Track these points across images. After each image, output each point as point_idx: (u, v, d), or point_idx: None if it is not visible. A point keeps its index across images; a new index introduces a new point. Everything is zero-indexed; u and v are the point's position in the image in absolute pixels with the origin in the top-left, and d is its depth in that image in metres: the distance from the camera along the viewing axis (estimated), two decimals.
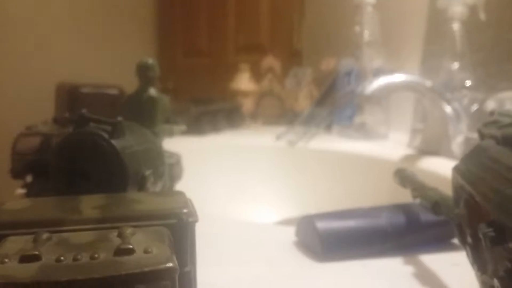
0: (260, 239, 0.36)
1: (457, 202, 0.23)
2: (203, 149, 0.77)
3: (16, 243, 0.16)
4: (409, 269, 0.30)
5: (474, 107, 0.63)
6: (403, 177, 0.37)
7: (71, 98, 0.75)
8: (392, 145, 0.76)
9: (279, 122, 1.03)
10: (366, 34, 0.81)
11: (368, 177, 0.68)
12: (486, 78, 0.66)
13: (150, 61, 0.35)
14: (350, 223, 0.33)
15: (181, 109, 0.80)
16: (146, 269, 0.14)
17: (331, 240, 0.31)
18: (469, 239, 0.21)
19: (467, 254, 0.22)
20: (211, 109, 0.89)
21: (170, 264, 0.15)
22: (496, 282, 0.18)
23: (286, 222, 0.66)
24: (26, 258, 0.15)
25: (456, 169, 0.22)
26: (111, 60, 2.00)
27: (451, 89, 0.66)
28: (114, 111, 0.73)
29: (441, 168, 0.54)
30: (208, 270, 0.20)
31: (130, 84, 0.84)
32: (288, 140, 0.79)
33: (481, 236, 0.17)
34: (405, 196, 0.36)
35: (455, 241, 0.33)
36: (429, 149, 0.66)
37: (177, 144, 0.44)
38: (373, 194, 0.61)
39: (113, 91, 0.77)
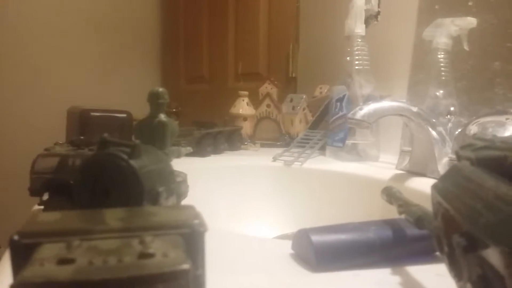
0: (258, 251, 0.37)
1: (435, 216, 0.24)
2: (205, 169, 0.78)
3: (51, 249, 0.17)
4: (396, 279, 0.31)
5: (458, 131, 0.65)
6: (390, 194, 0.39)
7: (82, 121, 0.77)
8: (381, 166, 0.78)
9: (276, 144, 1.06)
10: (356, 63, 0.82)
11: (359, 195, 0.69)
12: (469, 104, 0.68)
13: (161, 89, 0.38)
14: (342, 236, 0.34)
15: (184, 132, 0.82)
16: (166, 270, 0.16)
17: (324, 251, 0.33)
18: (445, 249, 0.23)
19: (445, 263, 0.23)
20: (212, 132, 0.90)
21: (186, 266, 0.16)
22: (469, 286, 0.20)
23: (282, 237, 0.67)
24: (62, 261, 0.16)
25: (434, 187, 0.24)
26: (119, 87, 2.05)
27: (436, 114, 0.67)
28: (122, 133, 0.76)
29: (426, 187, 0.54)
30: (209, 277, 0.21)
31: (136, 108, 0.88)
32: (284, 160, 0.80)
33: (455, 245, 0.19)
34: (393, 213, 0.37)
35: (439, 254, 0.35)
36: (416, 170, 0.67)
37: (181, 165, 0.45)
38: (363, 210, 0.62)
39: (122, 115, 0.80)
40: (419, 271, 0.32)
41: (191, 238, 0.20)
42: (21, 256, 0.18)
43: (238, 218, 0.71)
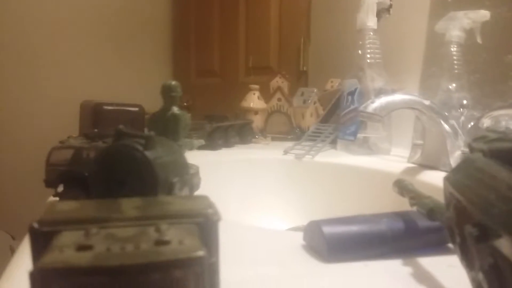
0: (270, 243, 0.37)
1: (447, 207, 0.24)
2: (216, 162, 0.78)
3: (70, 236, 0.17)
4: (407, 270, 0.31)
5: (471, 124, 0.64)
6: (402, 186, 0.39)
7: (95, 114, 0.79)
8: (393, 159, 0.77)
9: (286, 138, 1.06)
10: (368, 57, 0.82)
11: (370, 188, 0.68)
12: (481, 98, 0.68)
13: (174, 83, 0.38)
14: (353, 228, 0.34)
15: (196, 125, 0.82)
16: (181, 257, 0.16)
17: (335, 243, 0.33)
18: (457, 239, 0.23)
19: (457, 253, 0.23)
20: (224, 125, 0.91)
21: (201, 253, 0.16)
22: (481, 275, 0.20)
23: (294, 229, 0.67)
24: (81, 248, 0.16)
25: (447, 178, 0.24)
26: (131, 81, 2.07)
27: (449, 107, 0.67)
28: (134, 126, 0.77)
29: (439, 181, 0.54)
30: (222, 269, 0.21)
31: (148, 102, 0.89)
32: (296, 154, 0.80)
33: (467, 235, 0.19)
34: (405, 206, 0.37)
35: (451, 245, 0.34)
36: (428, 163, 0.66)
37: (193, 158, 0.46)
38: (375, 203, 0.61)
39: (134, 108, 0.81)
40: (430, 262, 0.32)
41: (205, 227, 0.20)
42: (41, 244, 0.18)
43: (250, 211, 0.71)
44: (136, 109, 0.82)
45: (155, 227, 0.18)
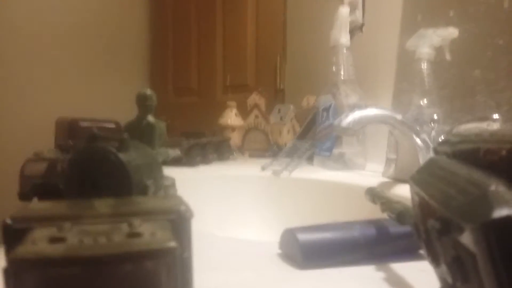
0: (246, 252, 0.37)
1: (413, 206, 0.24)
2: (194, 178, 0.78)
3: (43, 231, 0.17)
4: (380, 275, 0.31)
5: (441, 138, 0.67)
6: (373, 194, 0.41)
7: (71, 131, 0.78)
8: (368, 174, 0.78)
9: (264, 154, 1.06)
10: (342, 73, 0.83)
11: (345, 202, 0.69)
12: (452, 112, 0.70)
13: (149, 91, 0.38)
14: (327, 235, 0.35)
15: (173, 142, 0.82)
16: (153, 247, 0.16)
17: (310, 249, 0.34)
18: (423, 235, 0.23)
19: (423, 249, 0.23)
20: (201, 142, 0.91)
21: (173, 244, 0.17)
22: (445, 268, 0.20)
23: (270, 241, 0.68)
24: (54, 240, 0.16)
25: (412, 178, 0.24)
26: (107, 98, 2.06)
27: (420, 122, 0.68)
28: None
29: None
30: (199, 276, 0.21)
31: (125, 119, 0.88)
32: (273, 170, 0.81)
33: (430, 229, 0.19)
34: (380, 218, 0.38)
35: (422, 251, 0.35)
36: (401, 177, 0.68)
37: (170, 173, 0.46)
38: (351, 217, 0.62)
39: (110, 125, 0.80)
40: (402, 267, 0.33)
41: (178, 223, 0.20)
42: (14, 240, 0.18)
43: (227, 226, 0.71)
44: (112, 125, 0.81)
45: (128, 223, 0.19)
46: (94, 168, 0.27)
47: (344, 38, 0.84)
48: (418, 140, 0.65)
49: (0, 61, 1.86)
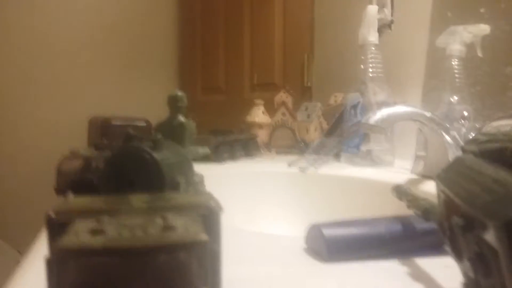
0: (272, 246, 0.38)
1: (439, 203, 0.25)
2: (222, 175, 0.79)
3: (83, 224, 0.19)
4: (404, 270, 0.32)
5: (472, 135, 0.66)
6: (400, 191, 0.40)
7: (103, 129, 0.80)
8: (396, 170, 0.78)
9: (291, 151, 1.06)
10: (370, 71, 0.83)
11: (373, 199, 0.69)
12: (482, 109, 0.68)
13: (179, 93, 0.40)
14: (353, 230, 0.36)
15: (201, 140, 0.83)
16: (187, 240, 0.17)
17: (335, 244, 0.34)
18: (447, 232, 0.24)
19: (447, 246, 0.24)
20: (229, 139, 0.92)
21: (204, 237, 0.18)
22: (467, 264, 0.20)
23: (297, 236, 0.68)
24: (94, 232, 0.17)
25: (438, 177, 0.25)
26: (137, 98, 2.11)
27: (451, 119, 0.67)
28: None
29: None
30: (227, 267, 0.22)
31: (155, 117, 0.90)
32: (300, 166, 0.81)
33: (454, 226, 0.20)
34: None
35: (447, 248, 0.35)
36: (430, 174, 0.67)
37: (199, 171, 0.47)
38: (378, 213, 0.62)
39: (141, 123, 0.82)
40: (428, 263, 0.33)
41: (208, 218, 0.21)
42: (57, 232, 0.20)
43: (255, 221, 0.71)
44: (143, 124, 0.84)
45: (162, 217, 0.20)
46: (130, 166, 0.28)
47: (372, 36, 0.83)
48: (447, 138, 0.64)
49: (38, 64, 1.94)
